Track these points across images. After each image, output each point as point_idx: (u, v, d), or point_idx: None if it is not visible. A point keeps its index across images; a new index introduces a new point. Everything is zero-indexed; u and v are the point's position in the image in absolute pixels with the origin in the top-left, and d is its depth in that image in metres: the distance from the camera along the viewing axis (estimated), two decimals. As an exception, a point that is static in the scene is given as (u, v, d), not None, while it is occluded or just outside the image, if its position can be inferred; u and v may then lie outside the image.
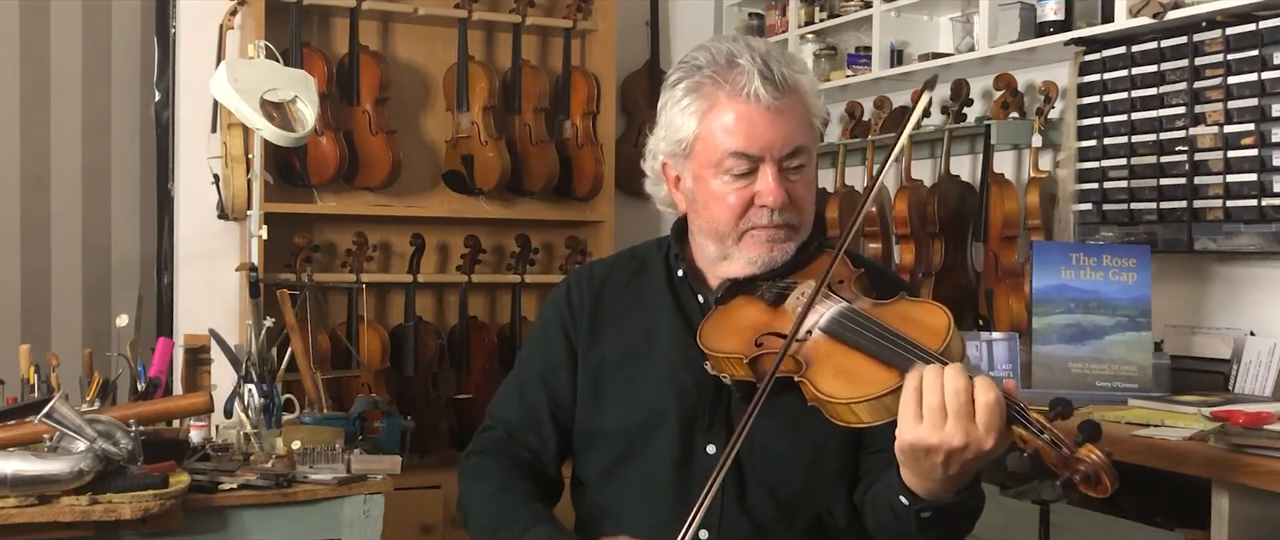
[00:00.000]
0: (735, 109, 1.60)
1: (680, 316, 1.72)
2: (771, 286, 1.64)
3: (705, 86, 1.63)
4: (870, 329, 1.48)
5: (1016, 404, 1.37)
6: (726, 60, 1.62)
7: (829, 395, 1.45)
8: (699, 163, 1.66)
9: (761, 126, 1.60)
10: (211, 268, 3.89)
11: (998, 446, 1.36)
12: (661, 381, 1.68)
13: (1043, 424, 1.35)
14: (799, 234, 1.67)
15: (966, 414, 1.34)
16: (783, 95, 1.60)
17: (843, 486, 1.66)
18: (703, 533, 1.65)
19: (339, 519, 2.25)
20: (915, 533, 1.49)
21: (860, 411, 1.43)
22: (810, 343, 1.52)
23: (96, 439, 2.01)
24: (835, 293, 1.57)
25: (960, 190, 3.46)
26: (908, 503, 1.46)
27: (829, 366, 1.48)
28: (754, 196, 1.62)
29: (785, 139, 1.61)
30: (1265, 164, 2.72)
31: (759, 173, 1.62)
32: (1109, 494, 1.31)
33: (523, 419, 1.77)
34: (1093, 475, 1.31)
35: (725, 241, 1.66)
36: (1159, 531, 2.32)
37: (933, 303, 1.54)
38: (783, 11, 4.23)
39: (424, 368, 4.00)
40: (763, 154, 1.61)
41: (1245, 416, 2.24)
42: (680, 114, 1.65)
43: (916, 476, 1.42)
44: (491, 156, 4.02)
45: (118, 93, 3.94)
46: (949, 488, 1.42)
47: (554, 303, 1.82)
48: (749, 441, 1.64)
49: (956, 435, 1.34)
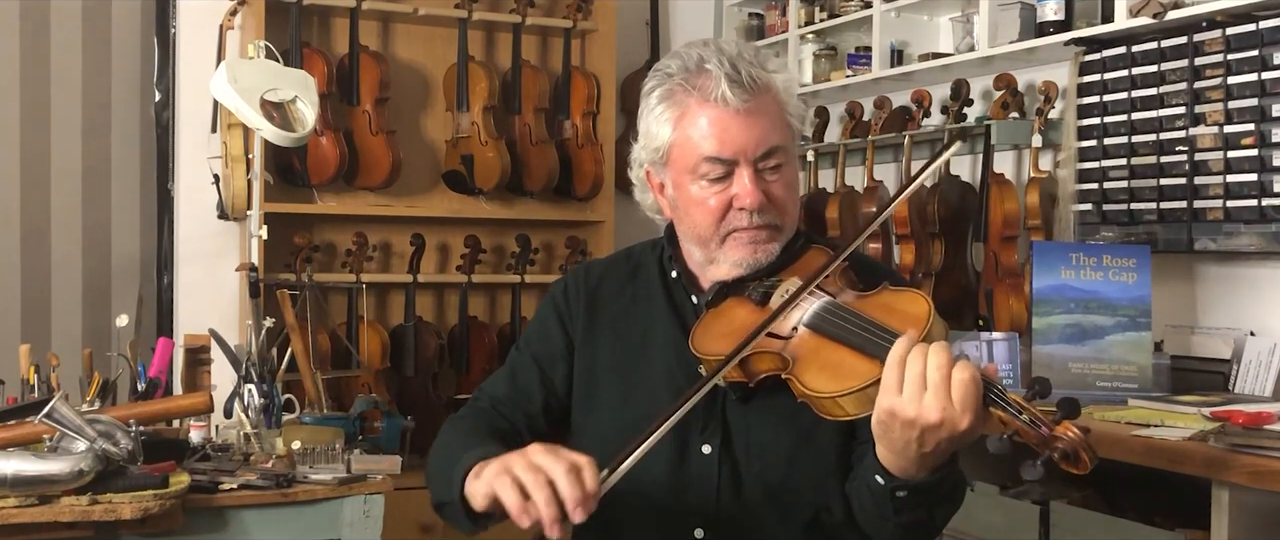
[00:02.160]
0: (706, 114, 1.61)
1: (675, 318, 1.73)
2: (758, 286, 1.64)
3: (676, 93, 1.64)
4: (852, 321, 1.48)
5: (995, 386, 1.37)
6: (696, 66, 1.63)
7: (815, 390, 1.45)
8: (676, 169, 1.67)
9: (733, 130, 1.60)
10: (211, 268, 3.89)
11: (974, 427, 1.36)
12: (657, 382, 1.69)
13: (1021, 404, 1.36)
14: (782, 233, 1.67)
15: (944, 389, 1.35)
16: (752, 97, 1.60)
17: (838, 482, 1.66)
18: (699, 531, 1.65)
19: (339, 519, 2.25)
20: (891, 514, 1.49)
21: (846, 405, 1.44)
22: (796, 339, 1.52)
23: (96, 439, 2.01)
24: (819, 288, 1.57)
25: (960, 190, 3.46)
26: (883, 482, 1.47)
27: (814, 362, 1.48)
28: (732, 199, 1.63)
29: (758, 140, 1.61)
30: (1265, 164, 2.72)
31: (735, 175, 1.62)
32: (1088, 470, 1.32)
33: (509, 396, 1.77)
34: (1071, 452, 1.31)
35: (709, 245, 1.67)
36: (1159, 531, 2.32)
37: (914, 291, 1.55)
38: (783, 11, 4.23)
39: (424, 368, 4.00)
40: (736, 157, 1.61)
41: (1245, 416, 2.24)
42: (655, 122, 1.66)
43: (892, 452, 1.43)
44: (491, 156, 4.02)
45: (118, 93, 3.94)
46: (924, 466, 1.43)
47: (552, 298, 1.83)
48: (745, 440, 1.65)
49: (933, 410, 1.35)
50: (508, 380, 1.79)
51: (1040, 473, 1.31)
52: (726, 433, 1.65)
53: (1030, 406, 1.35)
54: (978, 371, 1.36)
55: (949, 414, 1.35)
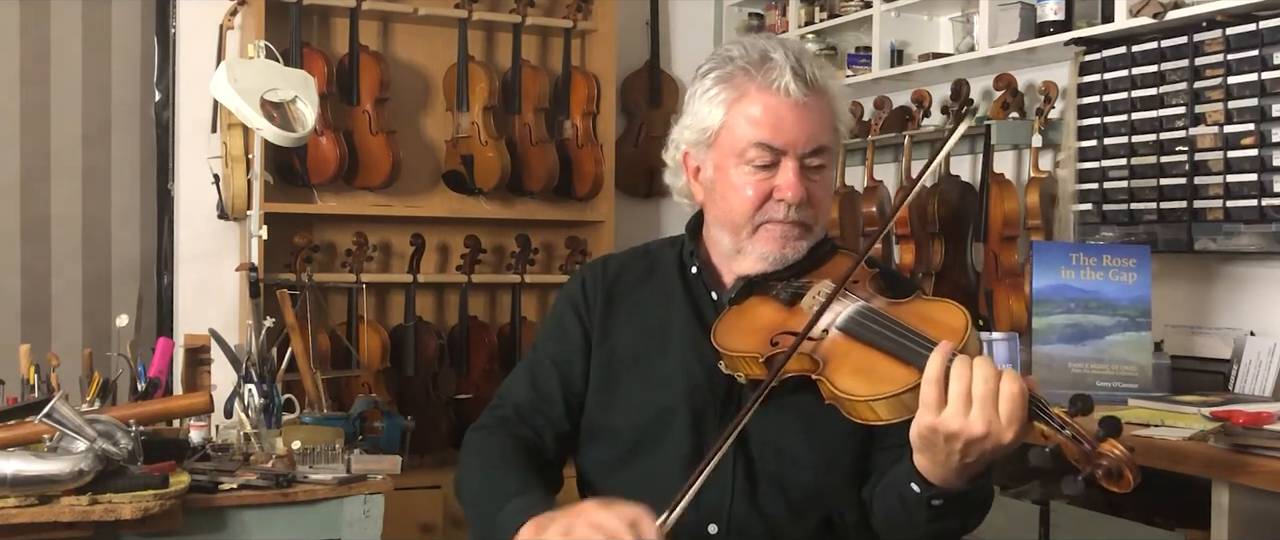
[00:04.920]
0: (764, 101, 1.63)
1: (694, 314, 1.72)
2: (787, 286, 1.64)
3: (736, 77, 1.65)
4: (889, 327, 1.49)
5: (1039, 399, 1.38)
6: (760, 55, 1.64)
7: (847, 393, 1.45)
8: (722, 152, 1.67)
9: (788, 121, 1.62)
10: (211, 268, 3.89)
11: (1016, 439, 1.37)
12: (674, 378, 1.69)
13: (1064, 419, 1.36)
14: (813, 234, 1.68)
15: (991, 403, 1.35)
16: (812, 93, 1.62)
17: (854, 486, 1.66)
18: (712, 528, 1.65)
19: (339, 519, 2.25)
20: (924, 522, 1.49)
21: (879, 409, 1.44)
22: (827, 342, 1.52)
23: (96, 439, 2.01)
24: (851, 292, 1.58)
25: (960, 190, 3.46)
26: (919, 490, 1.46)
27: (847, 364, 1.48)
28: (773, 190, 1.64)
29: (810, 136, 1.63)
30: (1265, 164, 2.72)
31: (780, 166, 1.63)
32: (1131, 488, 1.32)
33: (532, 401, 1.77)
34: (1115, 470, 1.32)
35: (739, 233, 1.67)
36: (1159, 531, 2.32)
37: (950, 302, 1.55)
38: (783, 11, 4.23)
39: (424, 368, 4.00)
40: (786, 148, 1.62)
41: (1245, 416, 2.24)
42: (707, 103, 1.67)
43: (932, 463, 1.43)
44: (491, 156, 4.02)
45: (118, 93, 3.94)
46: (962, 476, 1.43)
47: (568, 291, 1.82)
48: (762, 439, 1.65)
49: (979, 423, 1.35)
50: (528, 384, 1.79)
51: (1081, 488, 1.33)
52: (743, 431, 1.65)
53: (1073, 422, 1.36)
54: (1025, 384, 1.37)
55: (995, 427, 1.35)
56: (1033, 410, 1.37)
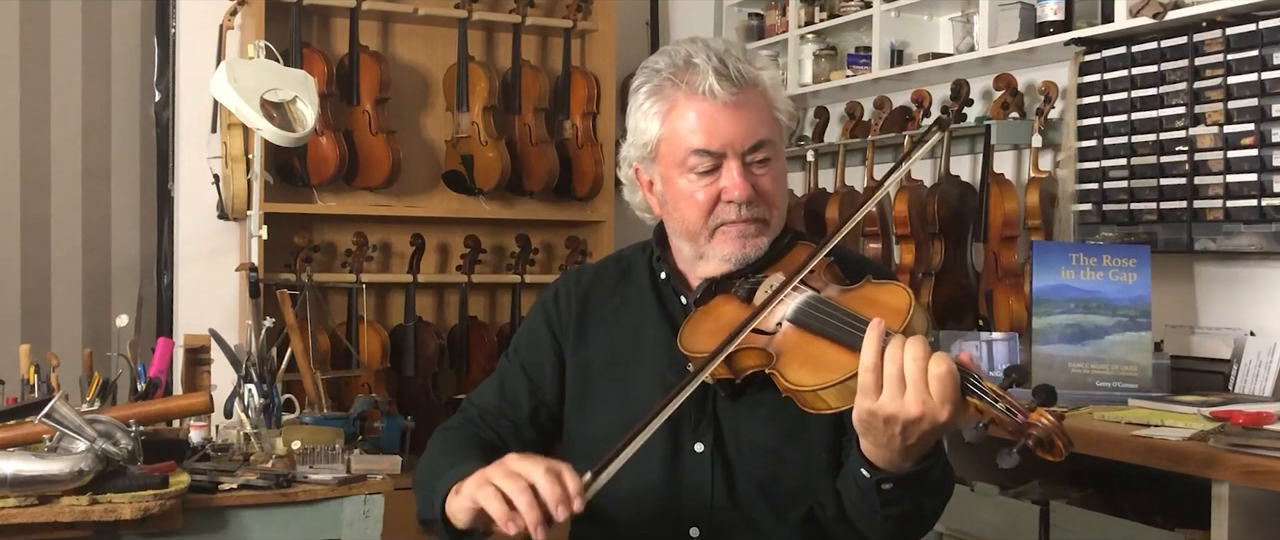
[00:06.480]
0: (694, 107, 1.62)
1: (665, 318, 1.73)
2: (744, 283, 1.64)
3: (665, 88, 1.65)
4: (833, 314, 1.49)
5: (971, 375, 1.38)
6: (684, 61, 1.64)
7: (797, 385, 1.45)
8: (665, 164, 1.67)
9: (722, 122, 1.62)
10: (211, 268, 3.89)
11: (954, 417, 1.37)
12: (649, 383, 1.69)
13: (997, 392, 1.36)
14: (770, 228, 1.67)
15: (922, 384, 1.35)
16: (740, 91, 1.62)
17: (830, 477, 1.65)
18: (694, 530, 1.65)
19: (339, 519, 2.25)
20: (879, 508, 1.49)
21: (828, 397, 1.44)
22: (780, 335, 1.53)
23: (96, 439, 2.01)
24: (804, 283, 1.57)
25: (960, 190, 3.46)
26: (868, 475, 1.47)
27: (798, 356, 1.49)
28: (721, 192, 1.63)
29: (747, 133, 1.62)
30: (1265, 164, 2.72)
31: (723, 168, 1.63)
32: (1063, 456, 1.32)
33: (497, 405, 1.78)
34: (1045, 439, 1.32)
35: (698, 240, 1.67)
36: (1159, 531, 2.32)
37: (896, 283, 1.55)
38: (783, 11, 4.23)
39: (424, 368, 4.00)
40: (724, 149, 1.62)
41: (1245, 416, 2.24)
42: (644, 118, 1.67)
43: (876, 447, 1.43)
44: (491, 156, 4.02)
45: (118, 93, 3.94)
46: (908, 457, 1.43)
47: (541, 304, 1.84)
48: (738, 438, 1.65)
49: (914, 405, 1.35)
50: (496, 389, 1.80)
51: (1016, 460, 1.32)
52: (718, 431, 1.65)
53: (1006, 395, 1.36)
54: (954, 364, 1.37)
55: (929, 407, 1.36)
56: (966, 386, 1.37)
